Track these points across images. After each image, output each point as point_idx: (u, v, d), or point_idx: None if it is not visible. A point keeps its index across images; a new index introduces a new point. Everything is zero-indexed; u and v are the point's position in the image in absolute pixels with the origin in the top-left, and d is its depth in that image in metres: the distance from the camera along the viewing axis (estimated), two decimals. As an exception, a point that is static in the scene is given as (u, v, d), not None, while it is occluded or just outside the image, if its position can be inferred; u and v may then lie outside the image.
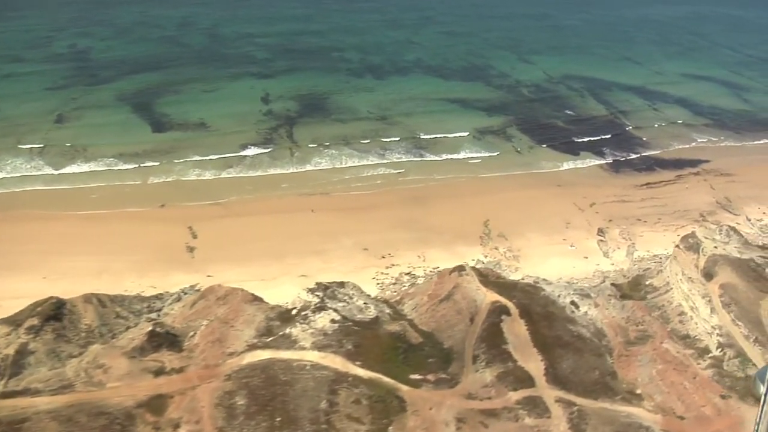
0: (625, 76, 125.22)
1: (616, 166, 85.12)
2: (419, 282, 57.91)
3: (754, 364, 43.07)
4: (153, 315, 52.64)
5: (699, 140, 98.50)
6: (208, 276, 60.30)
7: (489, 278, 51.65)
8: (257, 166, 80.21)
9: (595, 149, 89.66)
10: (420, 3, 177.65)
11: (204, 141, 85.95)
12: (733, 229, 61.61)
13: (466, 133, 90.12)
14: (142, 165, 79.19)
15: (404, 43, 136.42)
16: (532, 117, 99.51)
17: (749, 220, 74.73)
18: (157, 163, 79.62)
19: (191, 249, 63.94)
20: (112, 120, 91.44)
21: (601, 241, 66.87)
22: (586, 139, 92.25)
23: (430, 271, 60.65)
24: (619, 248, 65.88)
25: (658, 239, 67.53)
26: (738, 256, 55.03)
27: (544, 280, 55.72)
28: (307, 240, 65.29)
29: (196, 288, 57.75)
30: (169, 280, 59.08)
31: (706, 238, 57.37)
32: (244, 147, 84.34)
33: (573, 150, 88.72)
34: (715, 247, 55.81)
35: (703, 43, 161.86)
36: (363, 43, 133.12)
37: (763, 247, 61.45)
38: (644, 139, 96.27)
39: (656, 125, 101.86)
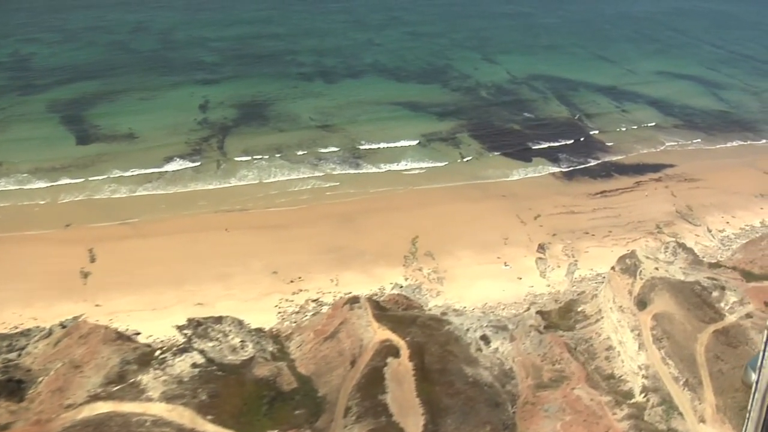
0: (595, 76, 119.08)
1: (571, 174, 78.97)
2: (324, 310, 51.86)
3: (679, 413, 36.81)
4: (12, 355, 46.79)
5: (667, 144, 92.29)
6: (96, 306, 54.82)
7: (387, 311, 45.52)
8: (177, 181, 74.34)
9: (551, 156, 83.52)
10: (391, 3, 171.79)
11: (128, 155, 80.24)
12: (682, 245, 55.39)
13: (411, 141, 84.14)
14: (55, 183, 73.76)
15: (365, 44, 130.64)
16: (487, 121, 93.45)
17: (710, 231, 68.41)
18: (72, 181, 74.09)
19: (86, 275, 58.24)
20: (36, 134, 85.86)
21: (540, 258, 60.67)
22: (542, 145, 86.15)
23: (341, 298, 54.71)
24: (559, 266, 59.68)
25: (604, 255, 61.23)
26: (681, 278, 48.89)
27: (454, 310, 49.71)
28: (214, 263, 59.58)
29: (80, 319, 51.90)
30: (53, 310, 53.49)
31: (647, 257, 51.19)
32: (169, 160, 78.55)
33: (526, 157, 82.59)
34: (656, 268, 49.66)
35: (684, 40, 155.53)
36: (321, 45, 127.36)
37: (715, 266, 55.15)
38: (607, 143, 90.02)
39: (622, 129, 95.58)
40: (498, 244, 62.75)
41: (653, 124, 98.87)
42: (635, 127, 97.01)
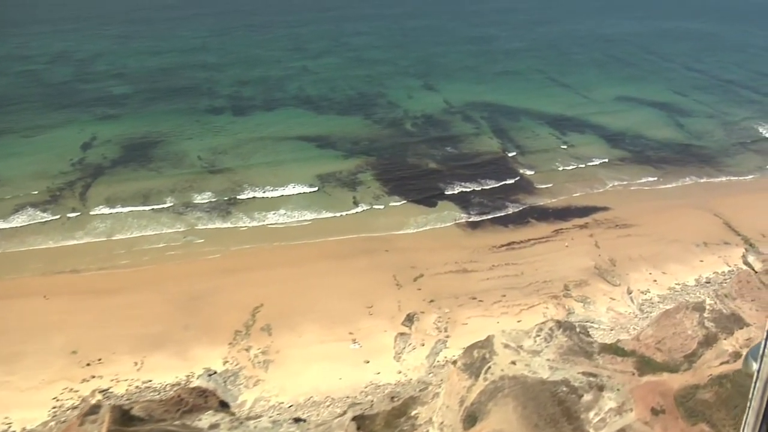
0: (547, 106, 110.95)
1: (480, 224, 70.05)
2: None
3: None
4: None
5: (610, 184, 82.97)
6: None
7: (141, 422, 36.06)
8: (14, 238, 66.20)
9: (464, 201, 74.68)
10: (347, 27, 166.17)
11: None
12: (562, 325, 45.67)
13: (302, 187, 75.97)
14: None
15: (297, 72, 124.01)
16: (401, 159, 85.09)
17: (630, 293, 58.60)
18: None
19: None
20: None
21: (403, 334, 51.14)
22: (458, 189, 77.49)
23: (137, 388, 45.73)
24: (422, 345, 50.12)
25: (487, 328, 51.59)
26: (545, 376, 39.20)
27: (248, 418, 40.00)
28: (9, 338, 51.19)
29: None
30: None
31: (506, 346, 41.59)
32: (18, 212, 70.81)
33: (432, 203, 73.83)
34: (513, 362, 40.01)
35: (660, 65, 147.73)
36: (247, 75, 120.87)
37: (607, 350, 45.21)
38: (538, 185, 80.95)
39: (562, 167, 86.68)
40: (358, 315, 53.46)
41: (599, 161, 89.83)
42: (577, 165, 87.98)
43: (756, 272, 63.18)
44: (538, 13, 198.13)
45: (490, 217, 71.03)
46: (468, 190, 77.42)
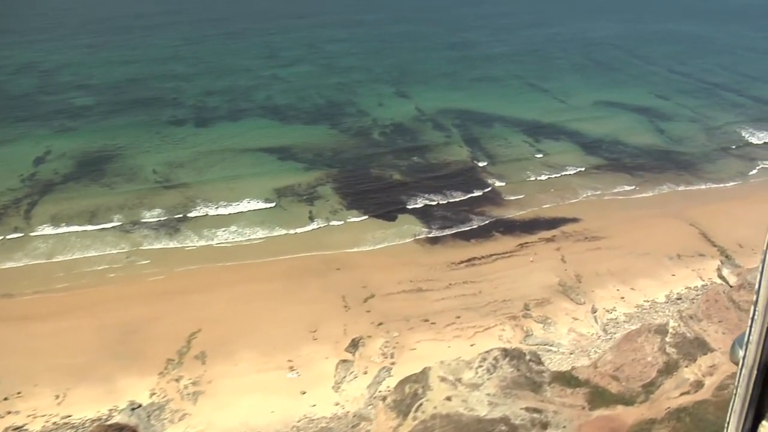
0: (523, 112, 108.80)
1: (441, 239, 67.38)
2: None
3: None
4: None
5: (584, 194, 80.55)
6: None
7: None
8: (-54, 261, 63.48)
9: (426, 215, 72.17)
10: (323, 34, 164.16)
11: None
12: (511, 353, 43.12)
13: (257, 202, 73.49)
14: None
15: (266, 80, 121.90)
16: (363, 170, 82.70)
17: (594, 312, 56.08)
18: None
19: None
20: None
21: (346, 361, 48.50)
22: (421, 202, 75.00)
23: (54, 424, 43.09)
24: (365, 373, 47.54)
25: (437, 353, 49.13)
26: (483, 413, 36.58)
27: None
28: None
29: None
30: None
31: (442, 379, 38.99)
32: (-44, 233, 67.94)
33: (392, 216, 71.38)
34: (449, 398, 37.39)
35: (645, 69, 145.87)
36: (214, 84, 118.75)
37: (559, 379, 42.60)
38: (507, 197, 78.51)
39: (534, 177, 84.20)
40: (300, 340, 50.90)
41: (574, 170, 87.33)
42: (550, 174, 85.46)
43: (730, 286, 60.76)
44: (522, 17, 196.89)
45: (452, 231, 68.46)
46: (432, 203, 74.92)
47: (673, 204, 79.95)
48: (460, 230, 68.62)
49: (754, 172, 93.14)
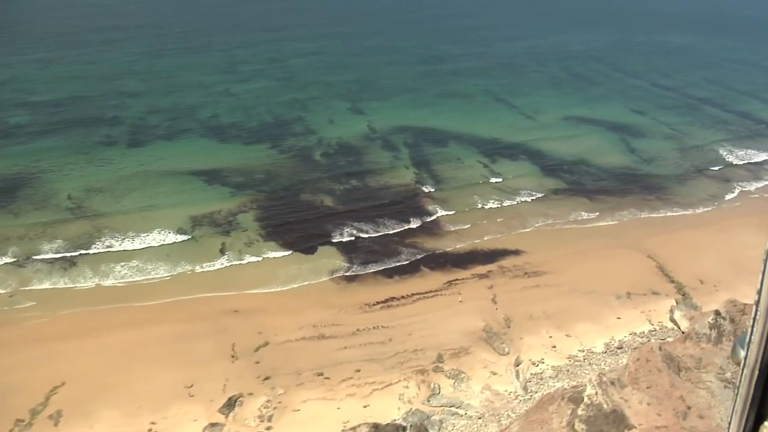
0: (485, 131, 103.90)
1: (361, 277, 61.73)
2: None
3: None
4: None
5: (534, 223, 75.06)
6: None
7: None
8: None
9: (350, 249, 66.91)
10: (290, 48, 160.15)
11: None
12: (384, 429, 37.23)
13: (166, 235, 68.44)
14: None
15: (216, 96, 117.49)
16: (294, 196, 77.68)
17: (517, 365, 50.46)
18: None
19: None
20: None
21: (215, 425, 42.85)
22: (346, 234, 69.53)
23: None
24: (235, 440, 41.72)
25: (324, 415, 43.77)
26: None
27: None
28: None
29: None
30: None
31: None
32: None
33: (312, 249, 66.18)
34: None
35: (625, 83, 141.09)
36: (161, 101, 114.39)
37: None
38: (449, 228, 73.20)
39: (481, 206, 78.58)
40: (172, 397, 45.43)
41: (530, 196, 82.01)
42: (502, 201, 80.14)
43: (682, 332, 54.95)
44: (503, 30, 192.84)
45: (375, 267, 62.92)
46: (363, 234, 69.48)
47: (633, 233, 74.40)
48: (385, 266, 63.11)
49: (731, 195, 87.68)
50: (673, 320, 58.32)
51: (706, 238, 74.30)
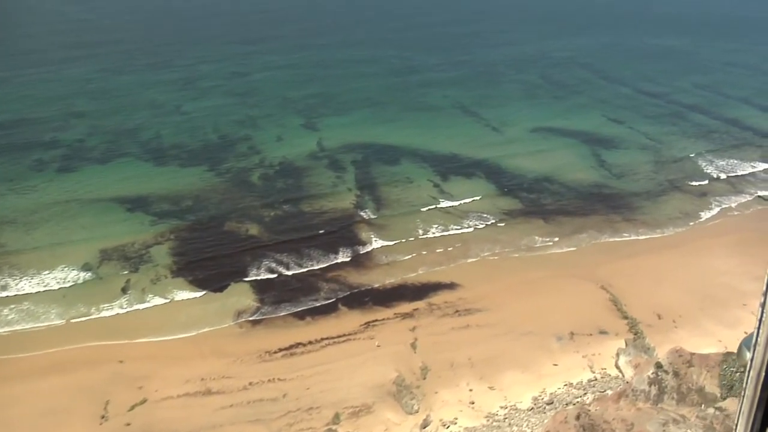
0: (446, 147, 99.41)
1: (269, 319, 56.84)
2: None
3: None
4: None
5: (480, 253, 70.06)
6: None
7: None
8: None
9: (264, 287, 62.40)
10: (259, 62, 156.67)
11: None
12: None
13: (69, 271, 64.24)
14: None
15: (165, 114, 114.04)
16: (217, 225, 73.46)
17: (424, 427, 45.08)
18: None
19: None
20: None
21: (54, 508, 37.96)
22: (263, 270, 64.85)
23: None
24: None
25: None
26: None
27: None
28: None
29: None
30: None
31: None
32: None
33: (222, 288, 61.73)
34: None
35: (610, 91, 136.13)
36: (107, 120, 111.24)
37: None
38: (382, 260, 68.40)
39: (423, 235, 73.58)
40: (16, 474, 40.47)
41: (482, 222, 77.09)
42: (447, 227, 75.32)
43: (626, 382, 49.63)
44: (489, 36, 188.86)
45: (288, 309, 58.11)
46: (284, 270, 64.72)
47: (589, 259, 69.25)
48: (299, 307, 58.33)
49: (708, 213, 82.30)
50: (617, 366, 52.89)
51: (671, 263, 68.83)
